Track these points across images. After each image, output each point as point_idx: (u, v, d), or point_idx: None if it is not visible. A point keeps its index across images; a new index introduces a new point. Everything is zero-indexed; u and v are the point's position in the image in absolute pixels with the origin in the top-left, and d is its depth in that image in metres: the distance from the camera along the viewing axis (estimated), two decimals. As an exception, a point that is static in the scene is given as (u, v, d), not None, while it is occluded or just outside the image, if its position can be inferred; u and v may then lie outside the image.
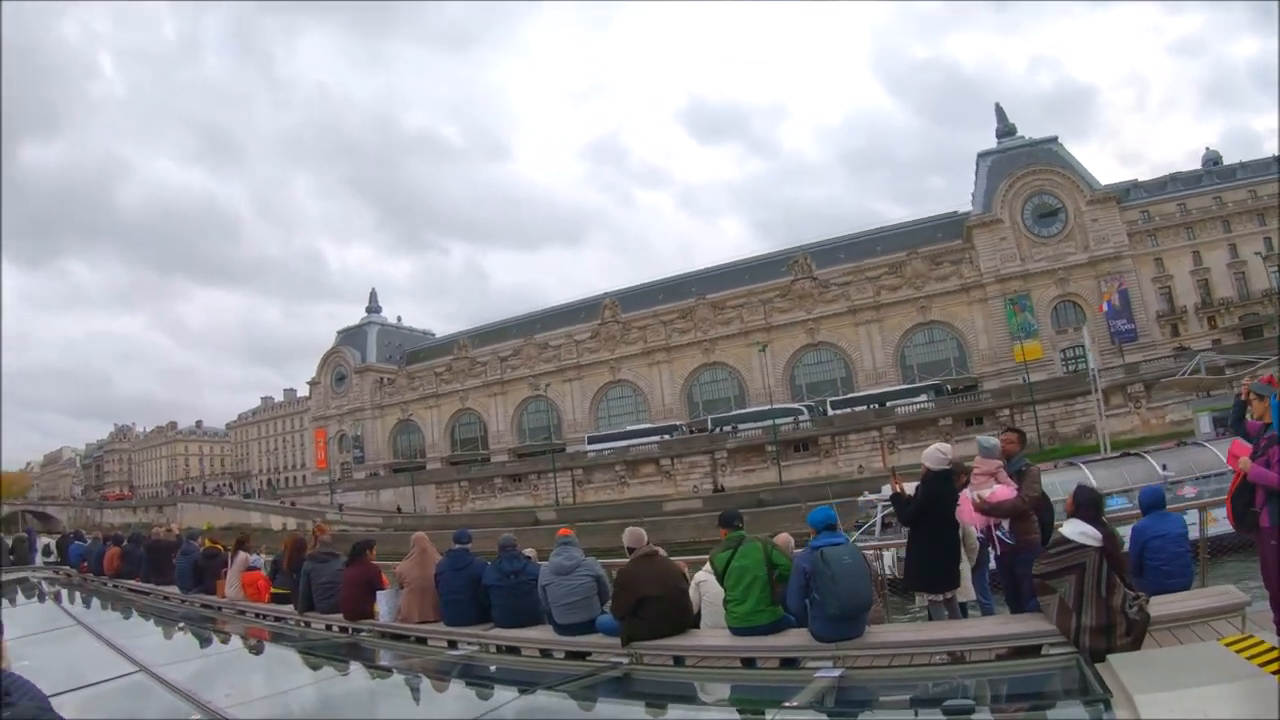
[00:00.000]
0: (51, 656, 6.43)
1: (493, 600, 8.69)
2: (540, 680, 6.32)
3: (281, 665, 7.24)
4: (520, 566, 8.67)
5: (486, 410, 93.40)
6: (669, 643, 7.09)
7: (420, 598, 9.23)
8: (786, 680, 5.74)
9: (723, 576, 7.09)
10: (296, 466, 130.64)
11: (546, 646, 8.03)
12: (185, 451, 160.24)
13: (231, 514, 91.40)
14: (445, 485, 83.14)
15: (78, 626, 8.97)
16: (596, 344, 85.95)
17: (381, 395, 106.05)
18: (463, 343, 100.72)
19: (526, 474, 77.32)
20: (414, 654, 8.24)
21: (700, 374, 79.92)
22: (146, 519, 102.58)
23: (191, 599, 13.08)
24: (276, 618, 10.86)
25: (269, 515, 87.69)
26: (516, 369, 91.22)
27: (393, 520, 72.84)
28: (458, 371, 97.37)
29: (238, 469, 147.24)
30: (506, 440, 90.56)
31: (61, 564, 20.37)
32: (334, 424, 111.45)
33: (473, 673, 6.88)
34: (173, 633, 9.23)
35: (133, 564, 16.21)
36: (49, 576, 17.93)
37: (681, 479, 67.06)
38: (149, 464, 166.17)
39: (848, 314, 72.84)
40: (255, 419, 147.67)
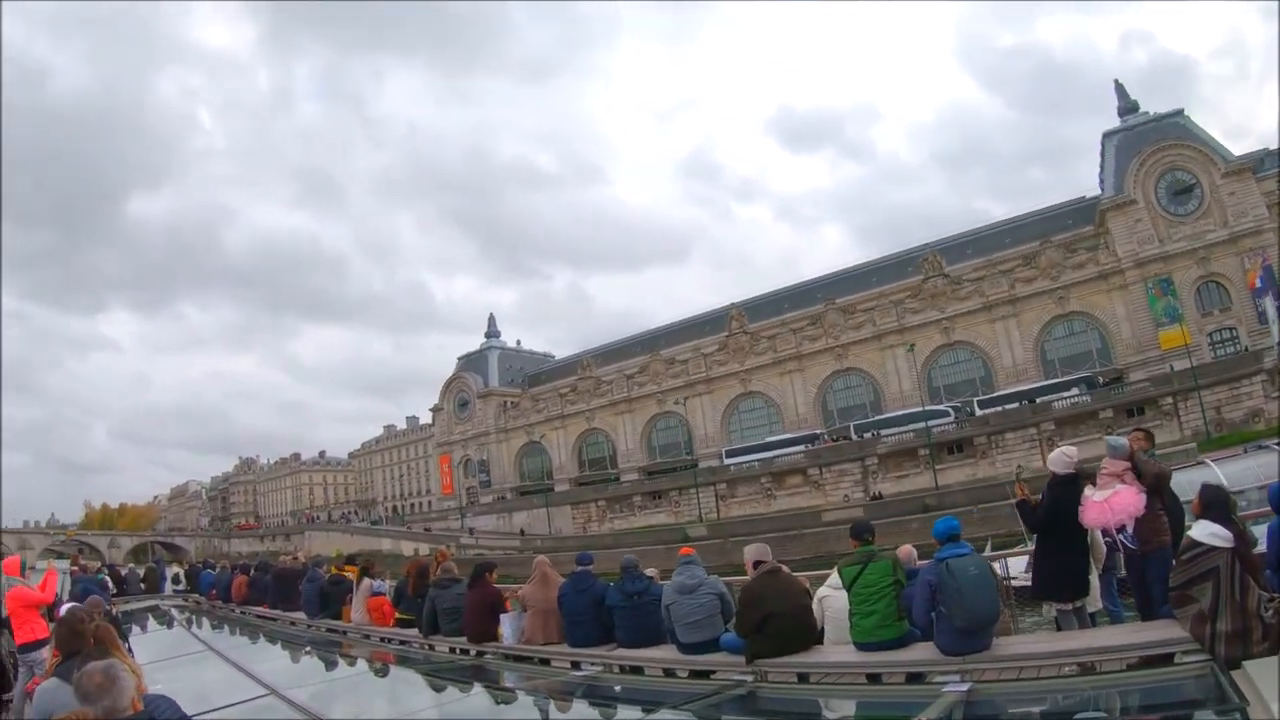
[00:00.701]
0: (183, 680, 6.76)
1: (616, 621, 9.05)
2: (664, 699, 6.72)
3: (406, 687, 7.99)
4: (643, 587, 9.03)
5: (614, 429, 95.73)
6: (794, 660, 7.27)
7: (544, 620, 9.66)
8: (913, 696, 5.97)
9: (850, 588, 7.32)
10: (421, 493, 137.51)
11: (670, 666, 8.37)
12: (309, 481, 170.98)
13: (361, 541, 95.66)
14: (581, 505, 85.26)
15: (208, 651, 9.90)
16: (725, 356, 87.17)
17: (506, 419, 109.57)
18: (586, 362, 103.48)
19: (667, 490, 78.68)
20: (538, 675, 8.64)
21: (833, 381, 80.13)
22: (274, 547, 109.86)
23: (318, 624, 13.89)
24: (401, 641, 11.47)
25: (399, 541, 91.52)
26: (643, 386, 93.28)
27: (531, 542, 75.13)
28: (583, 391, 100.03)
29: (362, 497, 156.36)
30: (636, 458, 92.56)
31: (191, 592, 22.05)
32: (458, 449, 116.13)
33: (597, 693, 7.22)
34: (300, 656, 9.90)
35: (260, 591, 17.31)
36: (179, 604, 19.37)
37: (831, 488, 67.30)
38: (273, 494, 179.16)
39: (983, 310, 72.14)
40: (378, 447, 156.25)
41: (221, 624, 14.33)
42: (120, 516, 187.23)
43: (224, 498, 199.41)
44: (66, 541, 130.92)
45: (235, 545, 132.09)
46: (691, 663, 8.20)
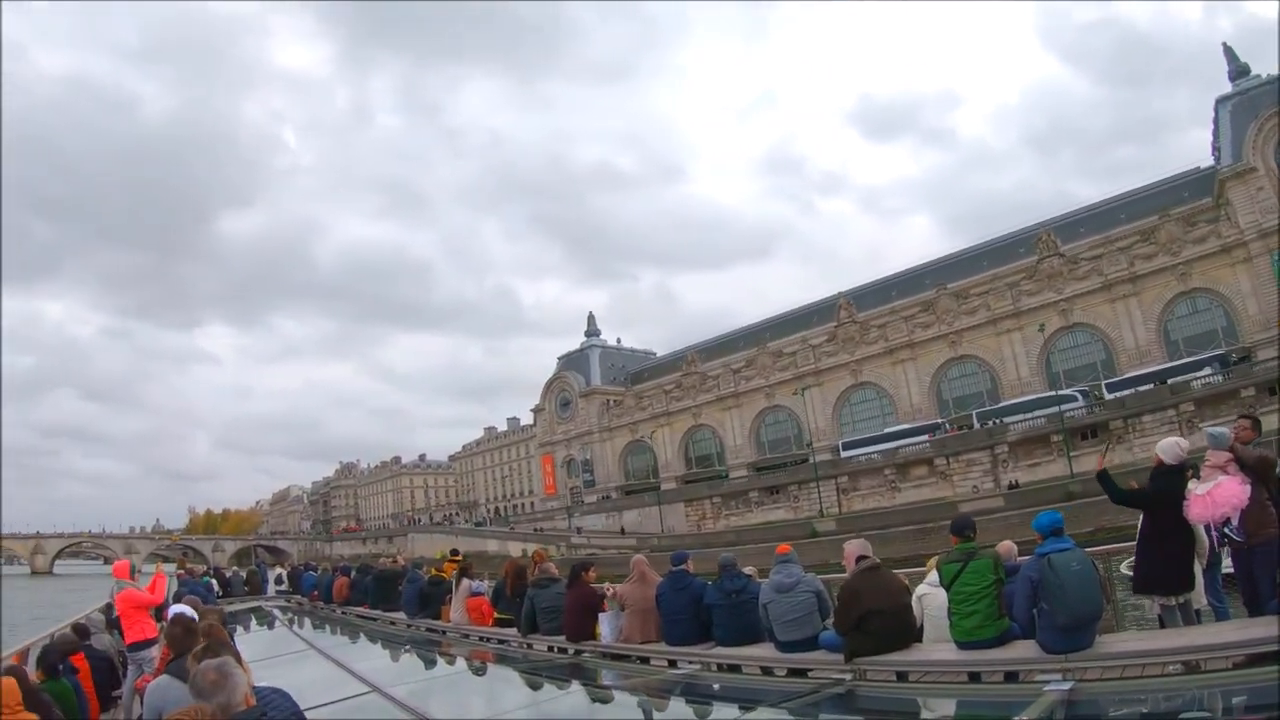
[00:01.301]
0: (287, 677, 6.81)
1: (714, 619, 9.28)
2: (762, 698, 6.82)
3: (504, 685, 8.29)
4: (741, 585, 9.24)
5: (721, 425, 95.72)
6: (893, 658, 7.36)
7: (642, 618, 9.92)
8: (1014, 695, 6.04)
9: (949, 587, 7.38)
10: (523, 493, 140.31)
11: (768, 664, 8.52)
12: (410, 484, 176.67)
13: (465, 542, 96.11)
14: (695, 503, 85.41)
15: (310, 650, 10.38)
16: (834, 346, 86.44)
17: (609, 417, 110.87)
18: (691, 357, 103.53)
19: (785, 485, 78.58)
20: (636, 674, 8.83)
21: (948, 369, 78.78)
22: (376, 549, 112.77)
23: (417, 624, 14.52)
24: (500, 640, 11.88)
25: (506, 542, 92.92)
26: (750, 380, 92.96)
27: (648, 541, 75.61)
28: (688, 387, 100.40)
29: (463, 499, 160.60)
30: (745, 454, 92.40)
31: (293, 593, 22.99)
32: (561, 449, 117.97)
33: (694, 691, 7.37)
34: (400, 655, 10.37)
35: (361, 592, 18.17)
36: (281, 605, 20.27)
37: (959, 479, 66.35)
38: (374, 497, 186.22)
39: (1101, 290, 70.01)
40: (479, 449, 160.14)
41: (323, 624, 15.04)
42: (224, 521, 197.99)
43: (325, 501, 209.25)
44: (172, 546, 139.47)
45: (337, 548, 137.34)
46: (789, 661, 8.31)
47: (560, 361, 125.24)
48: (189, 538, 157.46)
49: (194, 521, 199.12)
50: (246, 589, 23.54)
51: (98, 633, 11.60)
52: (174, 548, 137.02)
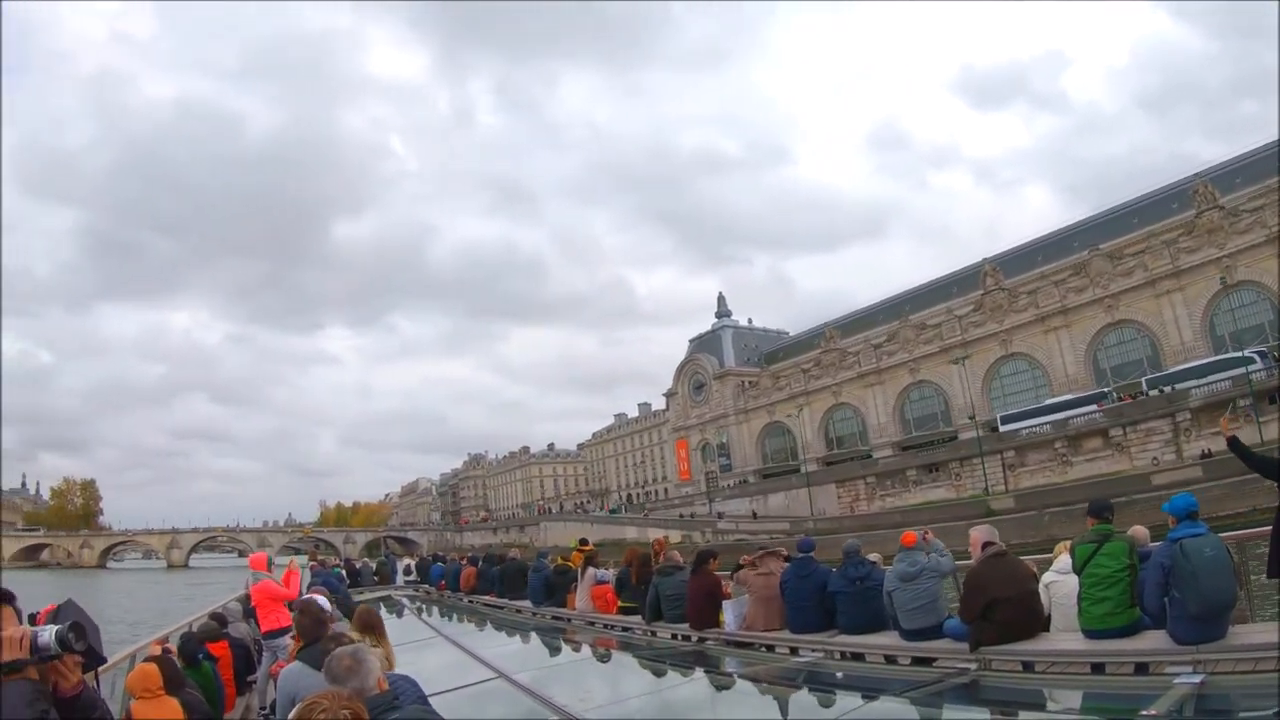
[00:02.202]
0: (416, 663, 7.22)
1: (838, 606, 9.58)
2: (885, 687, 6.95)
3: (629, 672, 8.54)
4: (866, 572, 9.50)
5: (863, 403, 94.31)
6: (1018, 647, 7.43)
7: (765, 606, 10.29)
8: (1142, 688, 6.03)
9: (1081, 570, 7.38)
10: (656, 480, 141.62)
11: (891, 653, 8.79)
12: (539, 474, 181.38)
13: (601, 530, 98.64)
14: (848, 483, 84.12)
15: (438, 637, 10.93)
16: (981, 316, 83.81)
17: (745, 399, 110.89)
18: (829, 333, 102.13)
19: (945, 462, 76.51)
20: (759, 661, 9.12)
21: (1104, 336, 75.14)
22: (508, 539, 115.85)
23: (543, 612, 15.30)
24: (624, 628, 12.48)
25: (646, 529, 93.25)
26: (893, 354, 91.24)
27: (802, 525, 74.68)
28: (827, 365, 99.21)
29: (594, 487, 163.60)
30: (889, 433, 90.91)
31: (421, 583, 24.23)
32: (696, 433, 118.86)
33: (817, 679, 7.61)
34: (525, 642, 10.88)
35: (488, 581, 19.18)
36: (410, 594, 21.22)
37: (1137, 450, 63.05)
38: (503, 488, 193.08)
39: (1265, 244, 64.75)
40: (609, 436, 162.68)
41: (450, 612, 15.77)
42: (354, 514, 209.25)
43: (454, 493, 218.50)
44: (304, 538, 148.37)
45: (467, 538, 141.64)
46: (913, 649, 8.52)
47: (692, 344, 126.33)
48: (321, 530, 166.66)
49: (325, 515, 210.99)
50: (376, 579, 24.79)
51: (235, 621, 12.64)
52: (306, 540, 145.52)
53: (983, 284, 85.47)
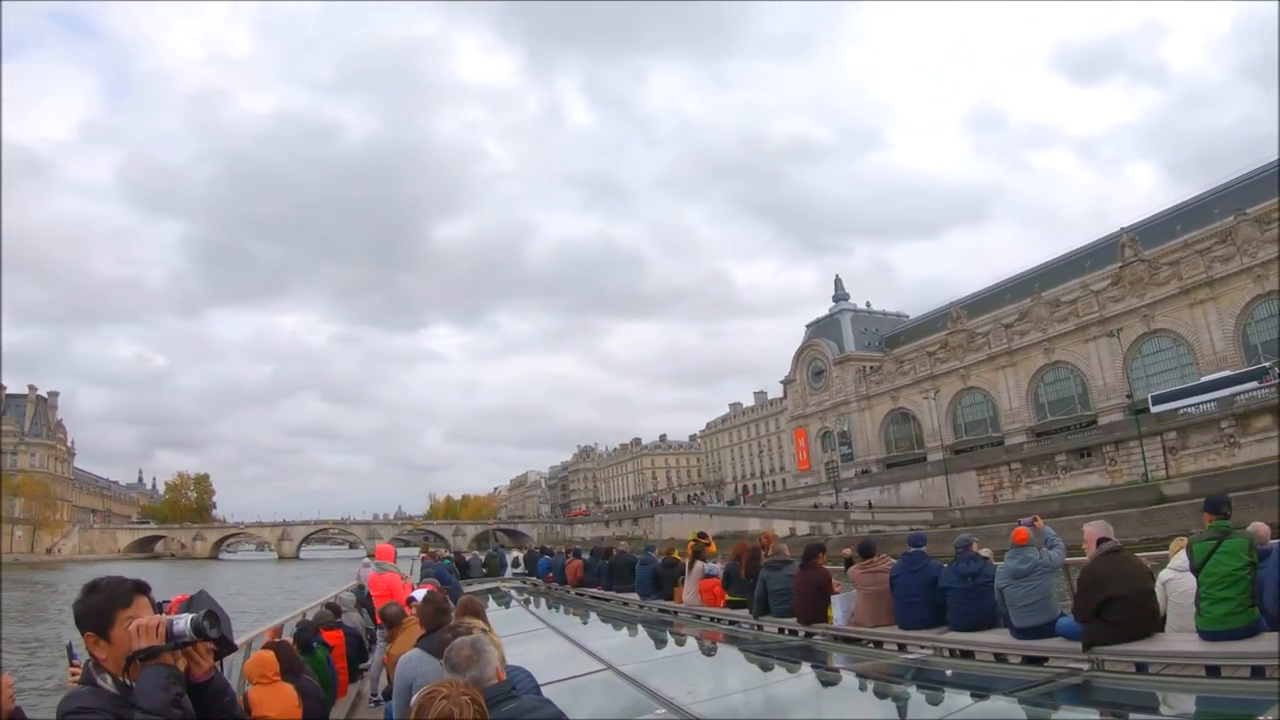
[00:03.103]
0: (524, 654, 7.30)
1: (949, 603, 9.78)
2: (994, 686, 6.93)
3: (735, 665, 8.69)
4: (978, 568, 9.69)
5: (994, 387, 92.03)
6: (1132, 648, 7.49)
7: (874, 601, 10.59)
8: (1259, 692, 6.04)
9: (1199, 569, 7.37)
10: (773, 470, 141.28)
11: (1002, 651, 8.93)
12: (651, 465, 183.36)
13: (721, 522, 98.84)
14: (990, 470, 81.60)
15: (545, 628, 11.32)
16: (1120, 291, 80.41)
17: (866, 385, 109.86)
18: (956, 314, 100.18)
19: (1098, 445, 72.91)
20: (866, 657, 9.29)
21: (1254, 309, 70.95)
22: (620, 531, 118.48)
23: (650, 605, 15.83)
24: (731, 621, 12.86)
25: (771, 521, 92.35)
26: (1025, 334, 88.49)
27: (947, 515, 72.89)
28: (954, 347, 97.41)
29: (708, 478, 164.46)
30: (1022, 418, 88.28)
31: (529, 575, 25.14)
32: (815, 421, 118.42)
33: (926, 677, 7.60)
34: (632, 634, 11.19)
35: (594, 574, 19.96)
36: (517, 586, 21.90)
37: None
38: (614, 480, 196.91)
39: None
40: (724, 426, 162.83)
41: (557, 604, 16.23)
42: (463, 507, 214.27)
43: (563, 485, 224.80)
44: (414, 531, 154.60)
45: (578, 531, 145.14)
46: (1024, 648, 8.68)
47: (809, 329, 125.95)
48: (430, 522, 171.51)
49: (434, 507, 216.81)
50: (484, 571, 25.88)
51: (348, 611, 13.64)
52: (416, 533, 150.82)
53: (1120, 255, 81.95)
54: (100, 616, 2.92)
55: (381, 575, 12.83)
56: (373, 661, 12.20)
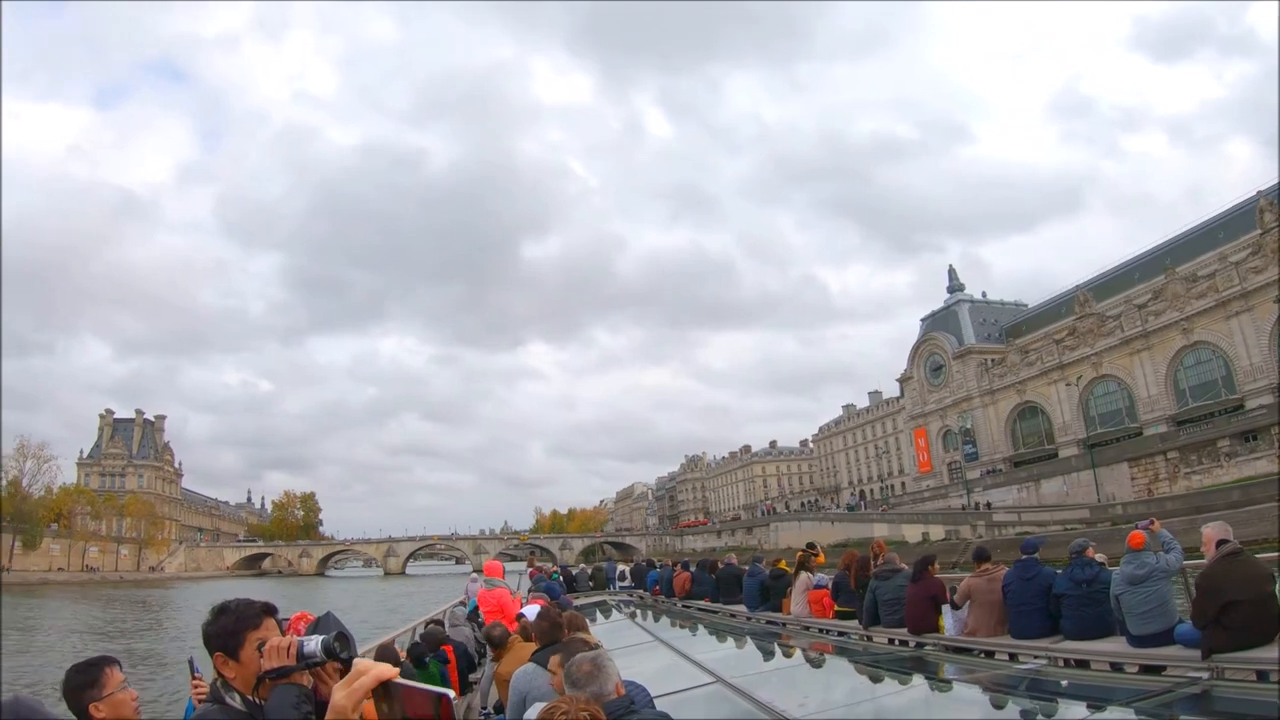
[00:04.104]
0: (634, 667, 7.46)
1: (1064, 610, 9.82)
2: (1110, 696, 6.97)
3: (844, 677, 8.90)
4: (1093, 574, 9.68)
5: (1128, 373, 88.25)
6: (1254, 655, 7.37)
7: (987, 610, 10.70)
8: None
9: None
10: (892, 473, 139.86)
11: (1118, 660, 8.93)
12: (762, 473, 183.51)
13: (844, 529, 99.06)
14: (1143, 461, 77.56)
15: (654, 641, 11.66)
16: (1261, 261, 75.52)
17: (990, 378, 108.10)
18: (1082, 297, 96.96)
19: (1266, 427, 68.06)
20: (979, 668, 9.23)
21: None
22: (733, 542, 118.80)
23: (757, 616, 16.23)
24: (840, 633, 13.22)
25: (900, 525, 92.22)
26: (1160, 315, 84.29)
27: (1106, 512, 69.26)
28: (1083, 333, 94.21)
29: (823, 484, 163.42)
30: (1161, 406, 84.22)
31: (636, 588, 25.91)
32: (935, 419, 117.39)
33: (1040, 687, 7.56)
34: (740, 646, 11.50)
35: (702, 587, 20.54)
36: (625, 599, 22.52)
37: None
38: (724, 489, 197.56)
39: None
40: (838, 429, 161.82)
41: (665, 617, 16.53)
42: (570, 520, 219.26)
43: (671, 496, 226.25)
44: (520, 545, 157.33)
45: (688, 542, 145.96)
46: (1141, 656, 8.68)
47: (924, 323, 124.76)
48: (537, 537, 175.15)
49: (540, 522, 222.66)
50: (591, 584, 26.59)
51: (459, 625, 14.18)
52: (522, 547, 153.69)
53: (1259, 221, 77.41)
54: (230, 638, 3.13)
55: (490, 591, 13.24)
56: (484, 674, 12.48)
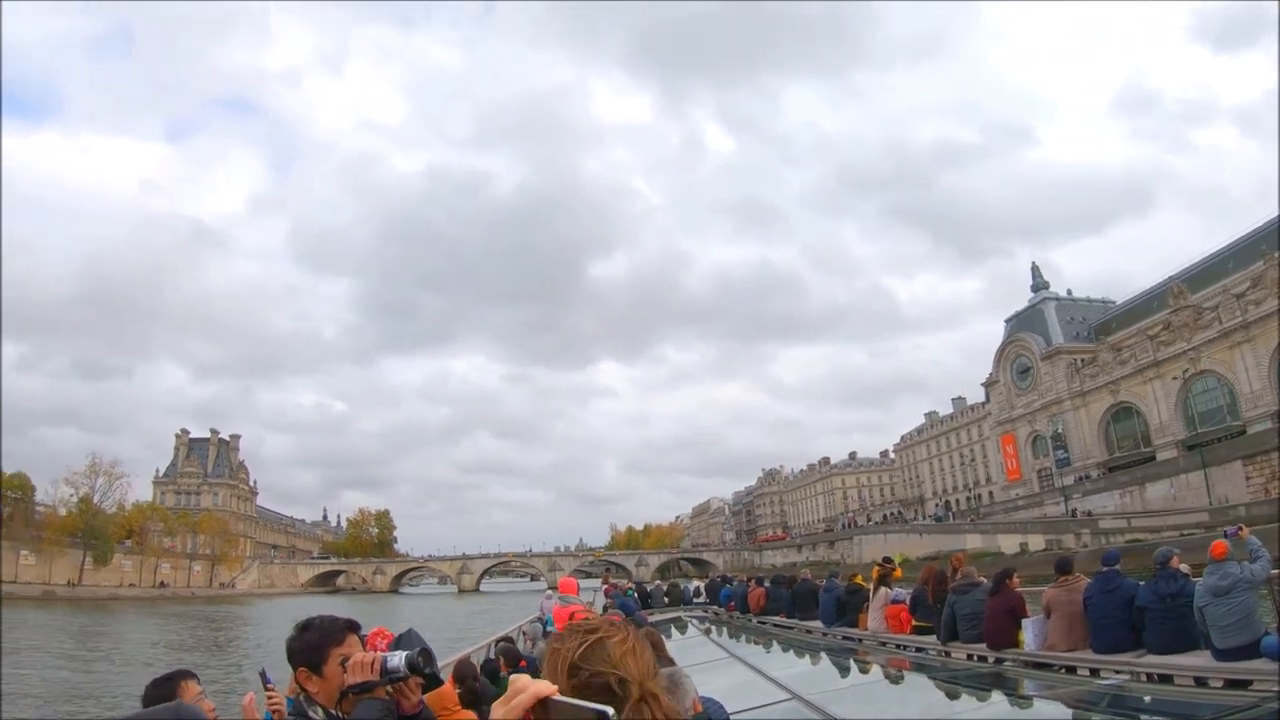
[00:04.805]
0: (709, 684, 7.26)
1: (1146, 624, 9.80)
2: (1195, 712, 7.01)
3: (922, 693, 8.96)
4: (1178, 587, 9.66)
5: (1228, 367, 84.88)
6: None
7: (1068, 624, 10.70)
8: None
9: None
10: (979, 482, 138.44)
11: (1202, 674, 8.88)
12: (842, 485, 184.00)
13: (933, 541, 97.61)
14: (1259, 459, 73.64)
15: (729, 657, 11.83)
16: None
17: (1080, 379, 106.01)
18: (1176, 289, 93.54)
19: None
20: (1059, 683, 9.32)
21: None
22: (814, 556, 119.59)
23: (833, 632, 16.48)
24: (917, 648, 13.37)
25: (995, 536, 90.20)
26: (1261, 303, 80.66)
27: (1227, 514, 64.73)
28: (1179, 328, 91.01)
29: (906, 495, 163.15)
30: (1265, 401, 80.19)
31: (711, 604, 26.28)
32: (1024, 424, 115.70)
33: (1122, 703, 7.58)
34: (816, 663, 11.68)
35: (777, 602, 20.88)
36: (699, 615, 22.85)
37: None
38: (802, 502, 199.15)
39: None
40: (920, 438, 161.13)
41: (739, 633, 16.80)
42: (645, 536, 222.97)
43: (748, 511, 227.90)
44: (595, 562, 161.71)
45: (767, 557, 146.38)
46: (1227, 671, 8.65)
47: (1009, 324, 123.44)
48: (612, 553, 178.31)
49: (615, 538, 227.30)
50: (666, 601, 27.17)
51: (537, 640, 14.77)
52: (598, 564, 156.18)
53: None
54: (314, 653, 3.43)
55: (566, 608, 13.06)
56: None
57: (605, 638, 2.23)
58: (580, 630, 2.29)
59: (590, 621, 2.36)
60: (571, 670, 2.16)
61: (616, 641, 2.22)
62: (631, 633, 2.30)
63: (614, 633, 2.26)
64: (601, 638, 2.22)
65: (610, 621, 2.34)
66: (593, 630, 2.27)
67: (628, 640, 2.24)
